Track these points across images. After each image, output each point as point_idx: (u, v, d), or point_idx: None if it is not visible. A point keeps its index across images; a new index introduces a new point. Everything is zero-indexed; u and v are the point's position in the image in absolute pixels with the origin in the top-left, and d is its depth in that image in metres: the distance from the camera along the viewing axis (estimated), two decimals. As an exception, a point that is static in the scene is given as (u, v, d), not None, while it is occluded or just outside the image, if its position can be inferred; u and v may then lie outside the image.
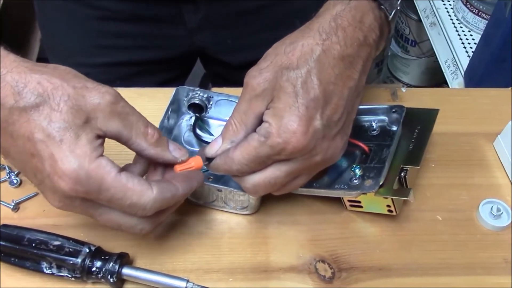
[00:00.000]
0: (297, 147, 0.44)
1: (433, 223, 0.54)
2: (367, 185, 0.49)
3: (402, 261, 0.51)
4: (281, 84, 0.45)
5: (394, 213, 0.52)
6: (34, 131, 0.39)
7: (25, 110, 0.39)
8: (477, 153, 0.60)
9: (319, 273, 0.50)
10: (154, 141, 0.44)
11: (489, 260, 0.52)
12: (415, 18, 1.37)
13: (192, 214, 0.54)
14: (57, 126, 0.39)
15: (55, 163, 0.39)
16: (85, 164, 0.40)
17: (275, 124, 0.44)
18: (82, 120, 0.40)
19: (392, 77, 1.56)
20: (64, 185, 0.39)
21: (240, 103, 0.47)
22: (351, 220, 0.54)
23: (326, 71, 0.45)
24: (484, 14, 1.08)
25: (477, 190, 0.57)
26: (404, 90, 0.66)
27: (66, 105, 0.40)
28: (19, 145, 0.40)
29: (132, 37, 0.77)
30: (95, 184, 0.40)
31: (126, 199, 0.41)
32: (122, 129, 0.42)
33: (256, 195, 0.50)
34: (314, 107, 0.44)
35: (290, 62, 0.45)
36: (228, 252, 0.51)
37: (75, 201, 0.41)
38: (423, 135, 0.54)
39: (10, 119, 0.40)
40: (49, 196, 0.42)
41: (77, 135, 0.40)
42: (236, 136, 0.47)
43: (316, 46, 0.45)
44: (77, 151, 0.39)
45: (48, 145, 0.39)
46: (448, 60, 1.11)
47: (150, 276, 0.47)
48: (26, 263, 0.47)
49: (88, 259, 0.46)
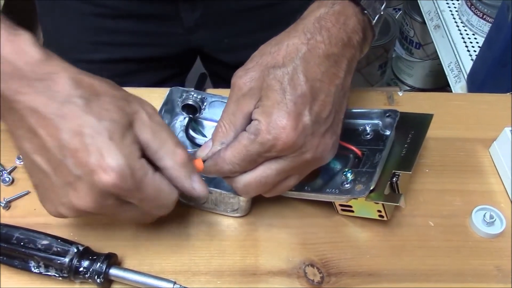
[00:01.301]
0: (287, 143, 0.44)
1: (425, 229, 0.54)
2: (357, 190, 0.49)
3: (393, 267, 0.51)
4: (268, 82, 0.45)
5: (385, 219, 0.52)
6: (84, 125, 0.40)
7: (77, 105, 0.41)
8: (472, 159, 0.60)
9: (308, 277, 0.50)
10: (180, 162, 0.44)
11: (480, 267, 0.51)
12: (419, 20, 1.36)
13: (183, 215, 0.53)
14: (107, 124, 0.41)
15: (103, 158, 0.40)
16: (131, 162, 0.41)
17: (264, 121, 0.44)
18: (127, 122, 0.42)
19: (396, 79, 1.56)
20: (108, 180, 0.40)
21: (228, 104, 0.47)
22: (342, 224, 0.54)
23: (312, 69, 0.46)
24: (488, 18, 1.07)
25: (471, 196, 0.56)
26: (401, 94, 0.65)
27: (114, 105, 0.42)
28: (62, 139, 0.40)
29: (129, 34, 0.77)
30: (136, 182, 0.41)
31: (158, 199, 0.43)
32: (152, 141, 0.43)
33: (247, 196, 0.50)
34: (302, 103, 0.45)
35: (276, 61, 0.46)
36: (218, 254, 0.51)
37: (109, 199, 0.42)
38: (416, 140, 0.54)
39: (61, 112, 0.40)
40: (81, 195, 0.41)
41: (123, 134, 0.41)
42: (226, 137, 0.47)
43: (301, 45, 0.46)
44: (125, 149, 0.41)
45: (97, 140, 0.40)
46: (452, 63, 1.10)
47: (137, 277, 0.47)
48: (14, 262, 0.47)
49: (75, 259, 0.46)
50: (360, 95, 0.66)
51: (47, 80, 0.41)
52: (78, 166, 0.40)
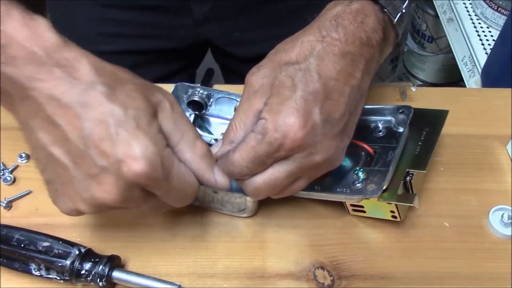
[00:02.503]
0: (295, 141, 0.42)
1: (440, 230, 0.52)
2: (369, 190, 0.47)
3: (406, 270, 0.49)
4: (280, 79, 0.43)
5: (399, 219, 0.50)
6: (109, 114, 0.38)
7: (100, 92, 0.39)
8: (489, 157, 0.58)
9: (318, 280, 0.48)
10: (200, 154, 0.43)
11: (497, 270, 0.49)
12: (432, 14, 1.33)
13: (188, 216, 0.52)
14: (133, 112, 0.39)
15: (131, 147, 0.38)
16: (160, 150, 0.39)
17: (272, 119, 0.42)
18: (153, 110, 0.40)
19: (408, 73, 1.53)
20: (138, 169, 0.38)
21: (241, 103, 0.46)
22: (353, 225, 0.52)
23: (327, 67, 0.43)
24: (503, 10, 1.04)
25: (487, 196, 0.54)
26: (414, 89, 0.63)
27: (139, 93, 0.40)
28: (85, 128, 0.38)
29: (138, 26, 0.75)
30: (166, 171, 0.40)
31: (183, 190, 0.42)
32: (174, 132, 0.42)
33: (258, 198, 0.48)
34: (313, 100, 0.42)
35: (289, 58, 0.44)
36: (224, 256, 0.49)
37: (135, 191, 0.40)
38: (431, 138, 0.51)
39: (83, 100, 0.38)
40: (106, 188, 0.39)
41: (150, 122, 0.39)
42: (235, 136, 0.46)
43: (316, 42, 0.44)
44: (153, 138, 0.39)
45: (124, 129, 0.38)
46: (465, 57, 1.08)
47: (140, 280, 0.46)
48: (14, 264, 0.46)
49: (77, 261, 0.45)
50: (371, 90, 0.64)
51: (67, 66, 0.39)
52: (103, 157, 0.38)
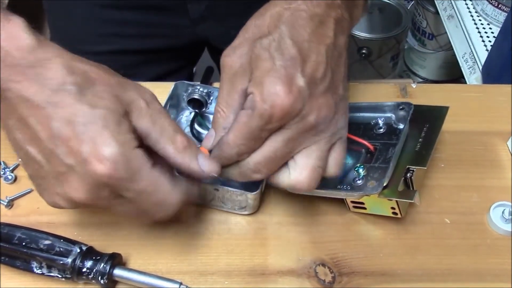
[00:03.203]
0: (284, 108, 0.42)
1: (441, 227, 0.52)
2: (370, 187, 0.47)
3: (407, 266, 0.49)
4: (257, 53, 0.43)
5: (399, 216, 0.50)
6: (77, 114, 0.38)
7: (70, 93, 0.39)
8: (489, 153, 0.58)
9: (319, 277, 0.48)
10: (182, 149, 0.42)
11: (499, 266, 0.49)
12: (432, 11, 1.33)
13: (189, 213, 0.52)
14: (101, 112, 0.39)
15: (96, 146, 0.38)
16: (126, 151, 0.39)
17: (258, 92, 0.42)
18: (123, 110, 0.40)
19: (408, 71, 1.53)
20: (102, 169, 0.38)
21: (221, 87, 0.45)
22: (354, 222, 0.52)
23: (298, 32, 0.44)
24: (504, 7, 1.04)
25: (488, 192, 0.54)
26: (414, 86, 0.63)
27: (109, 94, 0.40)
28: (54, 128, 0.38)
29: (135, 26, 0.76)
30: (132, 172, 0.39)
31: (154, 195, 0.41)
32: (151, 129, 0.41)
33: (260, 176, 0.46)
34: (292, 66, 0.43)
35: (261, 32, 0.45)
36: (225, 253, 0.49)
37: (103, 190, 0.40)
38: (431, 134, 0.51)
39: (53, 100, 0.39)
40: (74, 186, 0.39)
41: (119, 123, 0.39)
42: (226, 120, 0.45)
43: (283, 10, 0.45)
44: (120, 138, 0.39)
45: (90, 129, 0.38)
46: (466, 54, 1.07)
47: (142, 278, 0.45)
48: (16, 263, 0.46)
49: (78, 259, 0.45)
50: (371, 87, 0.64)
51: (39, 67, 0.39)
52: (70, 156, 0.38)
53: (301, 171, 0.45)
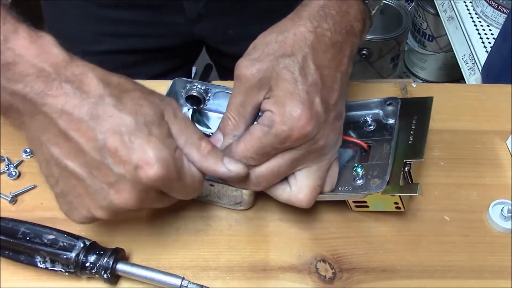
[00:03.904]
0: (303, 133, 0.43)
1: (441, 224, 0.52)
2: (373, 185, 0.47)
3: (407, 263, 0.49)
4: (278, 72, 0.44)
5: (402, 210, 0.50)
6: (121, 123, 0.39)
7: (110, 104, 0.40)
8: (489, 152, 0.58)
9: (320, 273, 0.48)
10: (206, 153, 0.44)
11: (498, 263, 0.50)
12: (432, 12, 1.34)
13: (191, 210, 0.52)
14: (143, 119, 0.40)
15: (145, 153, 0.39)
16: (172, 152, 0.41)
17: (278, 112, 0.43)
18: (161, 115, 0.42)
19: (408, 72, 1.54)
20: (154, 173, 0.39)
21: (234, 96, 0.46)
22: (355, 218, 0.52)
23: (320, 56, 0.45)
24: (504, 8, 1.04)
25: (487, 190, 0.55)
26: (415, 85, 0.64)
27: (146, 100, 0.41)
28: (99, 139, 0.39)
29: (132, 25, 0.76)
30: (179, 172, 0.41)
31: (194, 186, 0.43)
32: (179, 136, 0.43)
33: (258, 188, 0.48)
34: (314, 91, 0.44)
35: (284, 50, 0.45)
36: (227, 249, 0.50)
37: (151, 193, 0.42)
38: (421, 125, 0.52)
39: (95, 113, 0.39)
40: (125, 193, 0.40)
41: (160, 128, 0.41)
42: (237, 130, 0.47)
43: (308, 33, 0.46)
44: (165, 141, 0.40)
45: (138, 136, 0.39)
46: (466, 56, 1.08)
47: (144, 273, 0.46)
48: (20, 257, 0.46)
49: (82, 254, 0.45)
50: (372, 87, 0.64)
51: (76, 81, 0.40)
52: (120, 165, 0.39)
53: (301, 189, 0.47)
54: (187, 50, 0.84)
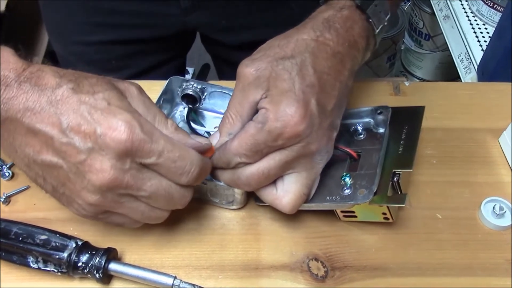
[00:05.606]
0: (295, 130, 0.43)
1: (433, 222, 0.52)
2: (360, 195, 0.47)
3: (399, 261, 0.50)
4: (277, 72, 0.45)
5: (391, 221, 0.50)
6: (79, 102, 0.41)
7: (68, 89, 0.41)
8: (481, 150, 0.58)
9: (312, 271, 0.49)
10: (173, 130, 0.44)
11: (490, 260, 0.50)
12: (428, 11, 1.34)
13: (183, 209, 0.52)
14: (101, 95, 0.41)
15: (108, 120, 0.40)
16: (136, 116, 0.41)
17: (273, 109, 0.44)
18: (120, 93, 0.43)
19: (405, 71, 1.54)
20: (120, 136, 0.39)
21: (234, 94, 0.47)
22: (347, 217, 0.52)
23: (320, 62, 0.46)
24: (499, 7, 1.05)
25: (480, 188, 0.55)
26: (407, 84, 0.64)
27: (103, 82, 0.43)
28: (62, 122, 0.40)
29: (125, 15, 0.76)
30: (148, 133, 0.41)
31: (175, 151, 0.42)
32: (146, 113, 0.43)
33: (248, 189, 0.48)
34: (310, 92, 0.45)
35: (284, 53, 0.46)
36: (219, 248, 0.50)
37: (126, 161, 0.40)
38: (412, 135, 0.51)
39: (53, 100, 0.41)
40: (98, 166, 0.40)
41: (121, 99, 0.42)
42: (233, 128, 0.47)
43: (310, 40, 0.47)
44: (127, 108, 0.41)
45: (98, 109, 0.40)
46: (462, 54, 1.08)
47: (137, 272, 0.46)
48: (13, 257, 0.47)
49: (74, 254, 0.45)
50: (365, 85, 0.65)
51: (33, 78, 0.42)
52: (86, 139, 0.40)
53: (287, 194, 0.47)
54: (179, 41, 0.83)
